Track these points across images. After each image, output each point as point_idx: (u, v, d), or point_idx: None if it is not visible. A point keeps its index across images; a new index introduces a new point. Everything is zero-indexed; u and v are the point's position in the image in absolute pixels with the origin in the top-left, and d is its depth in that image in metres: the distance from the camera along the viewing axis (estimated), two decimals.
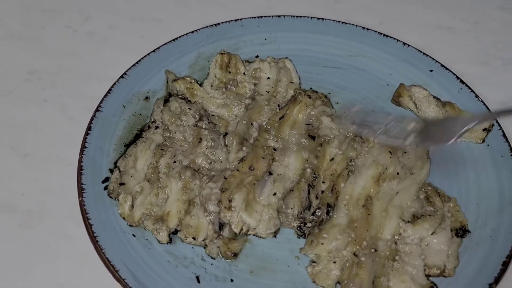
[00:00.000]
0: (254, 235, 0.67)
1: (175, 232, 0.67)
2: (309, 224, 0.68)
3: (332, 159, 0.72)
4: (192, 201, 0.68)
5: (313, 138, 0.74)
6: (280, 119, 0.76)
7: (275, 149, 0.72)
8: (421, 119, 0.76)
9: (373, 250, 0.64)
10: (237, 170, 0.69)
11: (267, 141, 0.74)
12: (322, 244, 0.64)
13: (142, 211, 0.68)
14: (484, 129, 0.74)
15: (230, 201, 0.65)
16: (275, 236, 0.67)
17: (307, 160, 0.71)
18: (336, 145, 0.72)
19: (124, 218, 0.67)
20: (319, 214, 0.68)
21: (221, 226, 0.66)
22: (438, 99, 0.79)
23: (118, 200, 0.68)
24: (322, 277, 0.63)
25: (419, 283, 0.62)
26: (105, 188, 0.69)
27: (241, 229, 0.65)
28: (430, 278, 0.63)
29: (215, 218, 0.66)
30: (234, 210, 0.65)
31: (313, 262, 0.65)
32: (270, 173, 0.69)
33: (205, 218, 0.66)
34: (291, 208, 0.68)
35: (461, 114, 0.77)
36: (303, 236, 0.67)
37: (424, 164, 0.72)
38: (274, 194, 0.67)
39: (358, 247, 0.64)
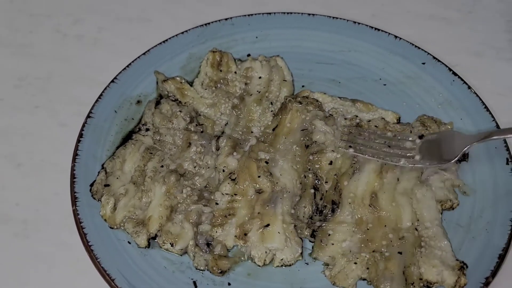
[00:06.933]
0: (282, 266, 0.64)
1: (155, 237, 0.66)
2: (318, 224, 0.67)
3: (331, 162, 0.71)
4: (175, 207, 0.67)
5: (307, 146, 0.71)
6: (273, 130, 0.74)
7: (267, 162, 0.69)
8: (419, 136, 0.71)
9: (400, 239, 0.63)
10: (238, 196, 0.66)
11: (257, 154, 0.70)
12: (333, 244, 0.64)
13: (124, 213, 0.67)
14: None
15: (245, 234, 0.64)
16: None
17: (300, 172, 0.69)
18: (331, 149, 0.71)
19: (105, 220, 0.66)
20: (325, 212, 0.68)
21: (209, 244, 0.65)
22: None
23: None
24: (341, 278, 0.62)
25: (449, 265, 0.62)
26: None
27: (265, 260, 0.64)
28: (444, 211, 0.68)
29: (202, 237, 0.65)
30: (253, 242, 0.64)
31: (327, 265, 0.64)
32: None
33: (191, 229, 0.65)
34: (303, 216, 0.67)
35: (371, 110, 0.76)
36: None
37: None
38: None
39: (376, 245, 0.63)
